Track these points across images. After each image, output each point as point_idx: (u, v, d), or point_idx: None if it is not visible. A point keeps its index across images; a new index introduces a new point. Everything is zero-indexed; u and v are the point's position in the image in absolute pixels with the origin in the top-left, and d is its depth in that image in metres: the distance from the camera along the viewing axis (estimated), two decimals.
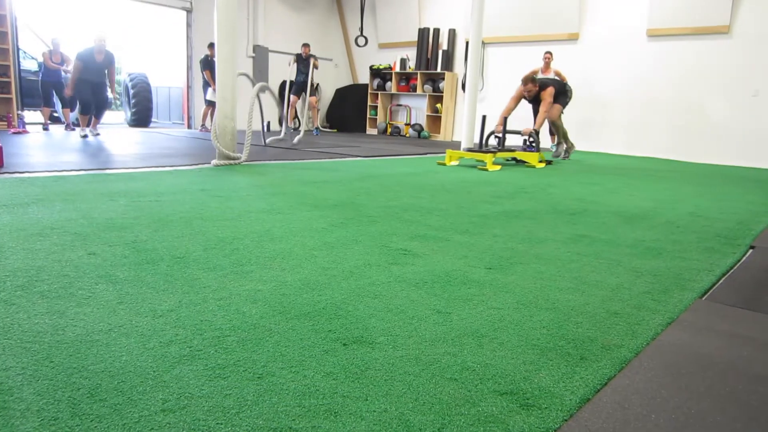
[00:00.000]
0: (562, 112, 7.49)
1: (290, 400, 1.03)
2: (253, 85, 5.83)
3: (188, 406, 0.99)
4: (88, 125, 7.46)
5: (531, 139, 6.68)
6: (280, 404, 1.02)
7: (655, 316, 1.59)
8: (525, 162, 6.48)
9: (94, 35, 7.19)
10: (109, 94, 7.59)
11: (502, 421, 0.99)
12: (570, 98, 7.42)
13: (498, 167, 5.71)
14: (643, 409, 1.06)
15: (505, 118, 6.60)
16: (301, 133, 7.88)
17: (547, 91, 6.81)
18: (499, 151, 6.29)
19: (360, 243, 2.27)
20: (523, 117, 9.90)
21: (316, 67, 9.73)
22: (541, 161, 6.54)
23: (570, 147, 7.82)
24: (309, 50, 9.94)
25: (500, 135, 6.66)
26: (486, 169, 5.48)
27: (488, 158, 5.62)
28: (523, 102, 9.62)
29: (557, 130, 7.61)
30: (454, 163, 5.99)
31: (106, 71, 7.34)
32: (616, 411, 1.05)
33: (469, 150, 5.96)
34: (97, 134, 7.61)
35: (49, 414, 0.94)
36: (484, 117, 6.60)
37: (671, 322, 1.55)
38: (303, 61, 9.93)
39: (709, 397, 1.12)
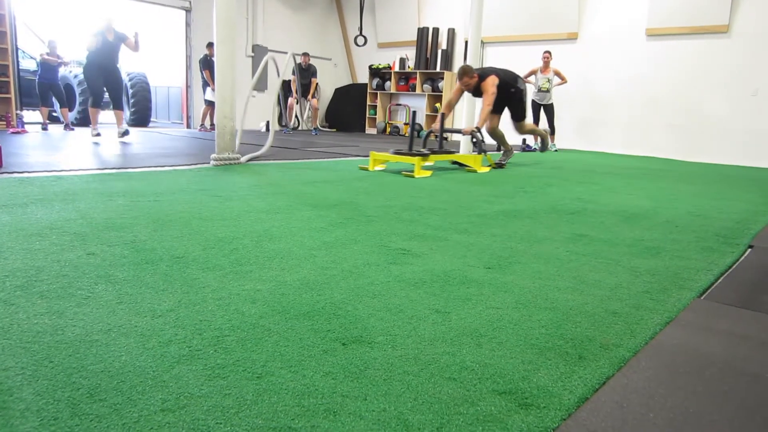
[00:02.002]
0: (497, 109, 6.18)
1: (289, 399, 1.04)
2: (278, 73, 5.65)
3: (188, 405, 0.99)
4: (98, 123, 7.14)
5: (474, 140, 5.77)
6: (280, 404, 1.02)
7: (653, 315, 1.59)
8: (466, 166, 5.62)
9: (102, 17, 6.78)
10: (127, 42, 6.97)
11: (500, 421, 1.00)
12: (521, 92, 6.12)
13: (428, 173, 4.87)
14: (642, 408, 1.07)
15: (443, 115, 5.80)
16: (300, 125, 7.72)
17: (488, 82, 5.68)
18: (435, 153, 5.38)
19: (359, 243, 2.27)
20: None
21: (315, 87, 9.99)
22: (487, 165, 5.83)
23: (509, 151, 6.67)
24: (309, 59, 10.03)
25: (445, 135, 5.81)
26: (412, 176, 4.66)
27: (417, 162, 4.74)
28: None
29: (499, 141, 6.44)
30: (380, 167, 5.14)
31: (118, 54, 6.88)
32: (615, 410, 1.05)
33: (397, 153, 5.03)
34: (126, 132, 6.94)
35: (49, 414, 0.94)
36: (442, 115, 5.78)
37: (670, 321, 1.55)
38: (303, 71, 9.98)
39: (707, 396, 1.13)
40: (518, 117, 6.18)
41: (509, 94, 5.89)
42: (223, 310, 1.46)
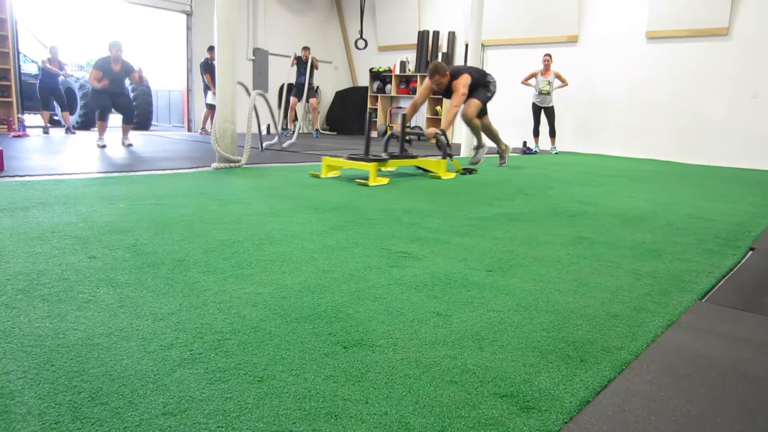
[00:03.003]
0: (483, 109, 5.89)
1: (291, 403, 1.03)
2: (248, 94, 5.67)
3: (189, 409, 0.99)
4: (104, 132, 7.13)
5: (438, 143, 5.20)
6: (281, 407, 1.02)
7: (655, 318, 1.59)
8: (430, 171, 5.07)
9: (109, 44, 6.80)
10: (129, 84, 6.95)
11: (502, 424, 1.00)
12: (493, 92, 5.85)
13: (385, 180, 4.34)
14: (643, 411, 1.06)
15: (403, 116, 5.17)
16: (293, 138, 7.69)
17: (460, 81, 5.26)
18: (395, 158, 4.80)
19: (360, 246, 2.27)
20: (523, 120, 9.94)
21: (315, 67, 9.76)
22: (454, 170, 5.32)
23: (505, 149, 6.61)
24: (309, 53, 9.99)
25: (410, 137, 5.34)
26: (366, 184, 4.15)
27: (371, 169, 4.23)
28: (522, 101, 9.65)
29: (474, 131, 6.08)
30: (334, 174, 4.64)
31: (125, 80, 6.96)
32: (616, 413, 1.05)
33: (352, 158, 4.46)
34: (130, 144, 6.99)
35: (51, 418, 0.94)
36: (403, 116, 5.19)
37: (671, 324, 1.55)
38: (303, 63, 9.97)
39: (708, 399, 1.13)
40: (474, 96, 5.62)
41: (478, 87, 5.58)
42: (224, 314, 1.46)
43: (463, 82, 5.25)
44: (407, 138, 5.23)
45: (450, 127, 5.35)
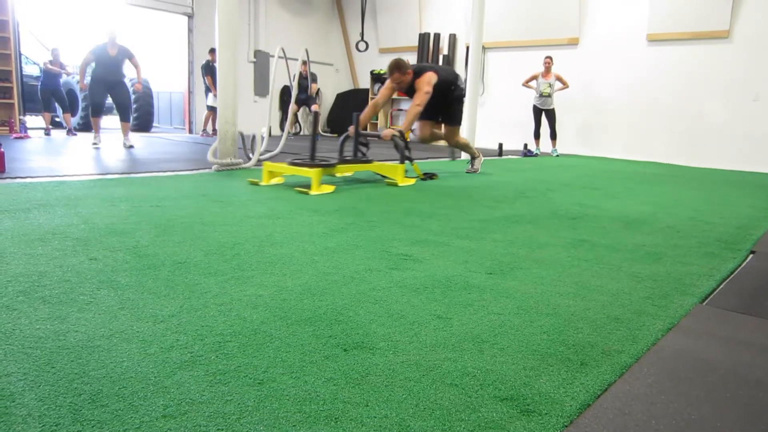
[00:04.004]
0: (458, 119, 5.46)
1: (291, 405, 1.03)
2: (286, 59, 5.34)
3: (189, 411, 0.99)
4: (100, 131, 7.15)
5: (395, 146, 4.79)
6: (281, 410, 1.02)
7: (655, 321, 1.59)
8: (386, 177, 4.62)
9: (105, 30, 6.74)
10: (133, 88, 6.97)
11: (502, 427, 1.00)
12: (462, 93, 5.36)
13: (330, 188, 3.90)
14: (644, 414, 1.06)
15: (357, 116, 4.77)
16: (278, 148, 7.19)
17: (423, 79, 4.80)
18: (345, 162, 4.41)
19: (361, 248, 2.28)
20: (523, 122, 9.94)
21: (316, 95, 10.03)
22: (414, 176, 4.87)
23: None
24: (308, 69, 10.09)
25: (364, 140, 4.85)
26: (307, 192, 3.71)
27: (314, 176, 3.79)
28: (523, 104, 9.65)
29: (464, 148, 5.77)
30: (277, 181, 4.20)
31: (122, 67, 6.85)
32: (617, 417, 1.05)
33: (294, 163, 4.07)
34: (131, 146, 6.88)
35: (51, 420, 0.95)
36: (357, 116, 4.79)
37: (672, 327, 1.55)
38: (303, 79, 10.04)
39: (709, 402, 1.12)
40: (453, 121, 5.32)
41: (448, 92, 5.08)
42: (225, 316, 1.46)
43: (427, 80, 4.80)
44: (365, 140, 4.83)
45: (410, 128, 4.87)
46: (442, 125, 5.41)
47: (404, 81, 4.86)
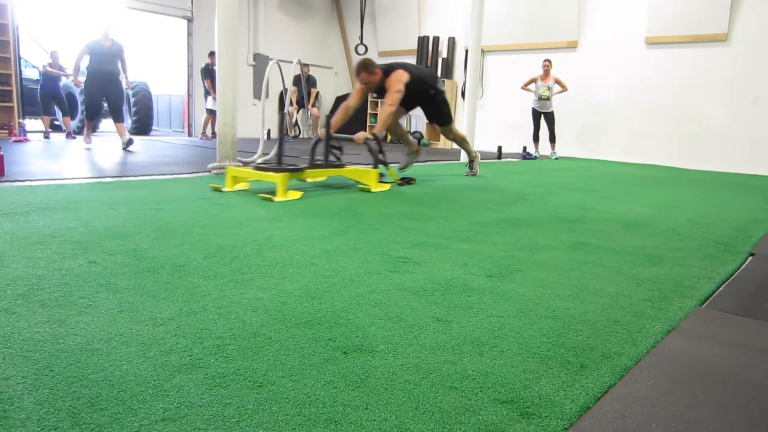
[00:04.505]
0: (447, 117, 5.25)
1: (290, 409, 1.03)
2: (282, 76, 5.19)
3: (188, 415, 0.99)
4: (94, 129, 7.18)
5: (371, 149, 4.51)
6: (281, 413, 1.01)
7: (655, 323, 1.59)
8: (359, 183, 4.39)
9: (99, 27, 6.82)
10: (124, 85, 7.06)
11: (502, 430, 0.99)
12: (444, 96, 5.12)
13: (297, 195, 3.67)
14: (644, 417, 1.06)
15: (328, 118, 4.58)
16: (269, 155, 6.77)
17: (392, 78, 4.53)
18: (315, 167, 4.18)
19: (360, 251, 2.27)
20: (523, 125, 9.95)
21: (315, 97, 10.05)
22: (388, 181, 4.59)
23: (416, 152, 5.50)
24: (308, 70, 10.13)
25: (335, 144, 4.59)
26: (271, 199, 3.48)
27: (279, 181, 3.58)
28: (522, 107, 9.66)
29: (462, 145, 5.58)
30: (242, 186, 3.95)
31: (118, 60, 6.90)
32: (617, 419, 1.05)
33: (259, 168, 3.84)
34: (130, 140, 6.92)
35: (50, 423, 0.94)
36: (328, 118, 4.60)
37: (671, 329, 1.55)
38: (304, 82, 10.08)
39: (709, 405, 1.12)
40: (444, 121, 5.21)
41: (428, 97, 4.94)
42: (224, 319, 1.46)
43: (397, 78, 4.55)
44: (338, 143, 4.63)
45: (384, 130, 4.60)
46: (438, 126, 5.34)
47: (372, 81, 4.62)
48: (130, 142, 6.94)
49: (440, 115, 5.19)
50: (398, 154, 5.22)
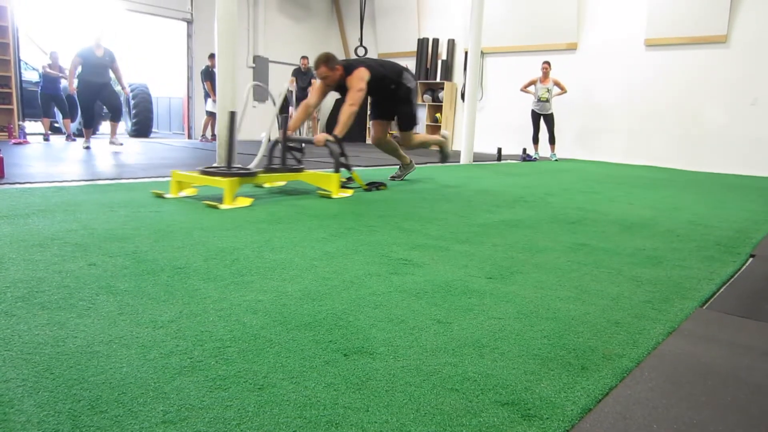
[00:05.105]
0: (404, 121, 4.89)
1: (291, 411, 1.03)
2: (273, 100, 5.15)
3: (189, 417, 0.99)
4: (94, 133, 7.30)
5: (332, 152, 4.14)
6: (281, 415, 1.01)
7: (655, 325, 1.59)
8: (320, 189, 4.03)
9: (92, 34, 6.96)
10: (119, 89, 7.22)
11: None
12: (410, 92, 4.75)
13: (248, 201, 3.36)
14: (645, 419, 1.06)
15: (285, 119, 4.37)
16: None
17: (354, 76, 4.30)
18: (271, 171, 3.94)
19: (360, 253, 2.27)
20: (522, 127, 9.96)
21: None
22: (352, 187, 4.28)
23: (408, 164, 5.21)
24: (308, 62, 10.08)
25: (295, 145, 4.37)
26: (216, 207, 3.17)
27: (227, 187, 3.29)
28: (522, 108, 9.67)
29: (424, 144, 5.19)
30: (189, 193, 3.68)
31: (110, 70, 7.04)
32: (618, 421, 1.05)
33: (206, 172, 3.54)
34: (120, 143, 7.22)
35: (50, 426, 0.94)
36: (285, 118, 4.39)
37: (672, 331, 1.54)
38: (302, 74, 10.02)
39: (710, 406, 1.12)
40: (404, 125, 4.82)
41: (389, 93, 4.61)
42: (225, 321, 1.46)
43: (358, 76, 4.29)
44: (300, 146, 4.42)
45: (345, 132, 4.24)
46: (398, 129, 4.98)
47: (332, 77, 4.34)
48: (116, 142, 7.08)
49: (399, 115, 4.79)
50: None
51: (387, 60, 4.82)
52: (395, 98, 4.71)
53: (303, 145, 4.49)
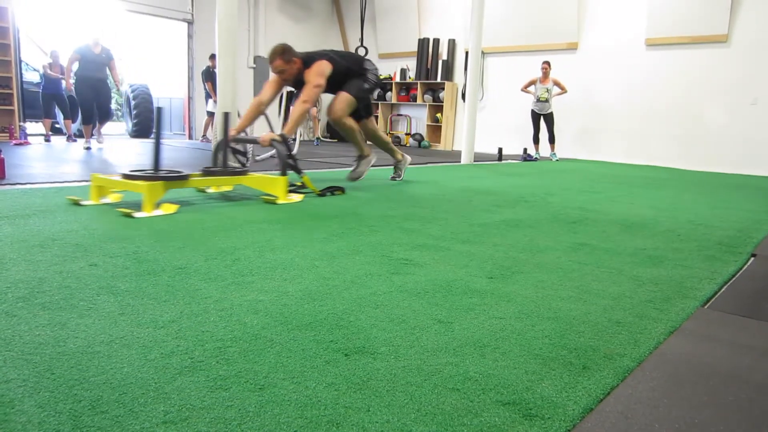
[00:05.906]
0: (366, 108, 4.63)
1: (292, 411, 1.03)
2: (270, 127, 4.71)
3: (190, 417, 0.99)
4: (92, 136, 7.42)
5: (279, 153, 3.81)
6: (282, 416, 1.01)
7: (657, 324, 1.58)
8: (265, 194, 3.63)
9: (89, 34, 7.10)
10: (113, 88, 7.39)
11: None
12: (373, 83, 4.48)
13: (173, 208, 3.02)
14: (646, 418, 1.06)
15: (226, 115, 4.12)
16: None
17: (312, 70, 3.98)
18: (208, 174, 3.57)
19: (361, 253, 2.27)
20: (523, 127, 9.95)
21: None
22: (302, 192, 3.83)
23: (401, 162, 5.06)
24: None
25: (239, 147, 4.15)
26: (130, 215, 2.82)
27: (147, 192, 2.95)
28: (522, 108, 9.66)
29: (349, 136, 4.58)
30: (112, 199, 3.27)
31: (107, 67, 7.17)
32: (619, 421, 1.05)
33: (128, 176, 3.14)
34: (101, 142, 7.50)
35: (51, 426, 0.94)
36: (225, 116, 4.12)
37: (673, 330, 1.54)
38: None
39: (711, 406, 1.12)
40: (361, 109, 4.49)
41: (344, 78, 4.28)
42: (225, 321, 1.46)
43: (317, 70, 3.96)
44: (243, 147, 4.16)
45: (295, 131, 3.92)
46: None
47: (288, 71, 4.02)
48: (95, 138, 7.23)
49: (345, 86, 4.32)
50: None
51: (348, 52, 4.55)
52: (349, 78, 4.36)
53: (249, 146, 4.17)
